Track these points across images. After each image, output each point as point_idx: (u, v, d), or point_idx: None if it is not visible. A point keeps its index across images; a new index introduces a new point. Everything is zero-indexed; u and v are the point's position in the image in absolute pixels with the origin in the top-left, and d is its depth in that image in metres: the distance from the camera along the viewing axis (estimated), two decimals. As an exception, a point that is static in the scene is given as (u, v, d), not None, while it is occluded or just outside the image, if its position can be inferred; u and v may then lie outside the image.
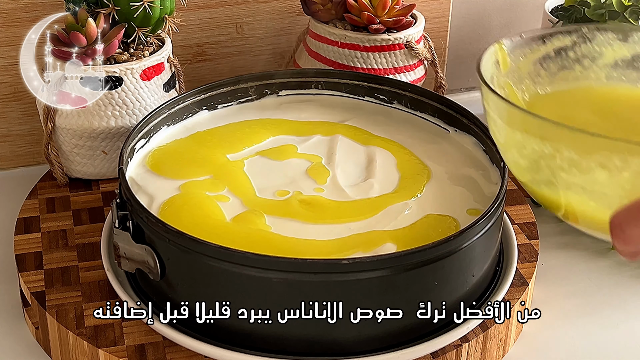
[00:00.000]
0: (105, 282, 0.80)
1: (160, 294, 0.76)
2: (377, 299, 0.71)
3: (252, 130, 0.90)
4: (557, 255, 0.91)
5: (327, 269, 0.70)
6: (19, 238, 0.86)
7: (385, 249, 0.74)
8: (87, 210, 0.90)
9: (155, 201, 0.80)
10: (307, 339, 0.72)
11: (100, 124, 0.90)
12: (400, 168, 0.86)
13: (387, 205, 0.80)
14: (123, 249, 0.76)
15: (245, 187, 0.83)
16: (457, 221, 0.79)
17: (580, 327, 0.82)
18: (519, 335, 0.81)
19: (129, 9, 0.89)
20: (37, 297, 0.79)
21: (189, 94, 0.91)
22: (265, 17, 1.06)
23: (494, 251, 0.79)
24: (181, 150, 0.87)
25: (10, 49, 0.96)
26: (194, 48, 1.05)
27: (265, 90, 0.95)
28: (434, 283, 0.73)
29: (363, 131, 0.91)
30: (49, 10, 0.94)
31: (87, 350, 0.75)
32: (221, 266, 0.71)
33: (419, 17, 1.02)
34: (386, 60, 0.99)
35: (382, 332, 0.72)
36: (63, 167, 0.93)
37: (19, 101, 0.99)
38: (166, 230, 0.72)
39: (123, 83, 0.89)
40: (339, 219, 0.79)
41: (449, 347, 0.75)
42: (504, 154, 0.58)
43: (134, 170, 0.84)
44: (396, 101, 0.94)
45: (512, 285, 0.80)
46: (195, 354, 0.73)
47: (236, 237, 0.75)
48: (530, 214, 0.90)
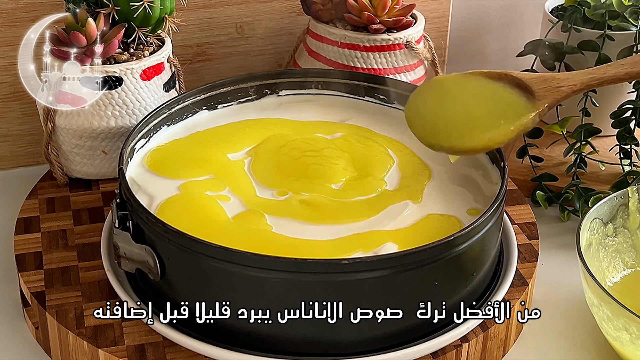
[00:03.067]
0: (105, 282, 0.80)
1: (160, 294, 0.76)
2: (377, 299, 0.71)
3: (252, 130, 0.90)
4: (557, 255, 0.91)
5: (327, 269, 0.70)
6: (19, 238, 0.86)
7: (385, 249, 0.74)
8: (87, 210, 0.90)
9: (155, 201, 0.80)
10: (307, 339, 0.72)
11: (100, 124, 0.90)
12: (401, 168, 0.86)
13: (387, 205, 0.80)
14: (123, 249, 0.76)
15: (246, 186, 0.83)
16: (457, 221, 0.79)
17: (580, 327, 0.82)
18: (519, 335, 0.81)
19: (129, 9, 0.89)
20: (37, 297, 0.79)
21: (189, 94, 0.91)
22: (265, 17, 1.06)
23: (494, 251, 0.79)
24: (181, 150, 0.87)
25: (10, 49, 0.96)
26: (194, 48, 1.05)
27: (265, 90, 0.95)
28: (434, 283, 0.73)
29: (363, 131, 0.91)
30: (49, 10, 0.94)
31: (87, 350, 0.75)
32: (221, 266, 0.71)
33: (419, 17, 1.02)
34: (386, 60, 0.99)
35: (382, 332, 0.72)
36: (63, 167, 0.93)
37: (19, 101, 0.99)
38: (166, 230, 0.72)
39: (123, 83, 0.89)
40: (339, 219, 0.79)
41: (449, 347, 0.75)
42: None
43: (134, 170, 0.84)
44: (396, 101, 0.94)
45: (512, 285, 0.80)
46: (195, 354, 0.73)
47: (237, 237, 0.75)
48: (530, 214, 0.90)
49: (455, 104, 0.78)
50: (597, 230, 0.83)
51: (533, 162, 0.99)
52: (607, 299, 0.72)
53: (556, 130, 1.00)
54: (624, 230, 0.85)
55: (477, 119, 0.76)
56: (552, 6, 1.07)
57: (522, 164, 1.01)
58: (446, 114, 0.78)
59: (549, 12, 1.06)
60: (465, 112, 0.77)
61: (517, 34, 1.19)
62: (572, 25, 1.00)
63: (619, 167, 0.98)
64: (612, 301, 0.72)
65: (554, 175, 0.98)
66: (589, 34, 1.00)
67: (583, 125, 0.97)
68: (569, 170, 0.97)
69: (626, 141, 0.97)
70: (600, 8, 1.00)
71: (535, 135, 0.99)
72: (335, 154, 0.86)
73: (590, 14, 1.00)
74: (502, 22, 1.18)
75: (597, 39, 0.99)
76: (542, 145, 1.03)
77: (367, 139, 0.89)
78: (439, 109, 0.78)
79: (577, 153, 0.97)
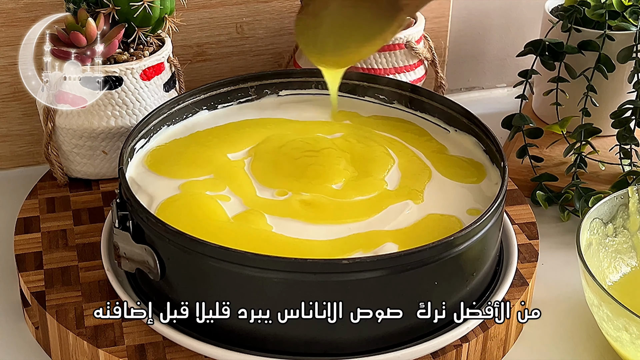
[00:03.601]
0: (105, 282, 0.80)
1: (160, 294, 0.76)
2: (377, 299, 0.71)
3: (252, 130, 0.90)
4: (557, 255, 0.91)
5: (327, 269, 0.70)
6: (19, 238, 0.86)
7: (385, 249, 0.74)
8: (87, 210, 0.90)
9: (155, 201, 0.80)
10: (307, 339, 0.72)
11: (100, 124, 0.90)
12: (401, 168, 0.86)
13: (387, 205, 0.80)
14: (123, 249, 0.76)
15: (246, 186, 0.83)
16: (457, 221, 0.79)
17: (580, 327, 0.82)
18: (519, 335, 0.81)
19: (129, 9, 0.89)
20: (37, 297, 0.79)
21: (189, 94, 0.91)
22: (265, 17, 1.06)
23: (494, 251, 0.79)
24: (181, 150, 0.87)
25: (10, 49, 0.96)
26: (194, 48, 1.05)
27: (265, 90, 0.95)
28: (434, 283, 0.73)
29: (363, 131, 0.91)
30: (49, 10, 0.94)
31: (87, 350, 0.75)
32: (221, 266, 0.71)
33: (419, 17, 1.02)
34: (386, 60, 0.99)
35: (382, 332, 0.72)
36: (63, 167, 0.93)
37: (19, 101, 0.99)
38: (166, 230, 0.72)
39: (123, 83, 0.89)
40: (339, 219, 0.79)
41: (449, 347, 0.75)
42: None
43: (134, 170, 0.84)
44: (396, 101, 0.94)
45: (512, 285, 0.80)
46: (195, 354, 0.73)
47: (237, 237, 0.75)
48: (530, 214, 0.90)
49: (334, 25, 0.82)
50: (597, 230, 0.83)
51: (533, 162, 0.99)
52: (607, 298, 0.72)
53: (556, 130, 1.00)
54: (624, 230, 0.85)
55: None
56: (552, 6, 1.07)
57: (522, 164, 1.01)
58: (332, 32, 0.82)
59: (549, 12, 1.06)
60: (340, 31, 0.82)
61: (517, 34, 1.19)
62: (572, 25, 1.00)
63: (619, 167, 0.98)
64: (612, 301, 0.72)
65: (554, 175, 0.98)
66: (589, 34, 1.00)
67: (583, 125, 0.97)
68: (569, 170, 0.97)
69: (626, 141, 0.97)
70: (600, 8, 1.00)
71: (535, 135, 0.99)
72: (336, 154, 0.86)
73: (590, 14, 1.00)
74: (502, 22, 1.18)
75: (597, 39, 0.99)
76: (542, 145, 1.03)
77: (367, 139, 0.89)
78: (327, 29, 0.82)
79: (577, 153, 0.97)
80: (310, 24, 0.82)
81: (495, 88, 1.23)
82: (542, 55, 1.00)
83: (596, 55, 0.99)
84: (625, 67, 1.00)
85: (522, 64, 1.05)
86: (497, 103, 1.19)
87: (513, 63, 1.17)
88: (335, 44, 0.82)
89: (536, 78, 1.06)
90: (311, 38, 0.83)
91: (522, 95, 1.01)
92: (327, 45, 0.82)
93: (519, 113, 1.00)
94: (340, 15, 0.81)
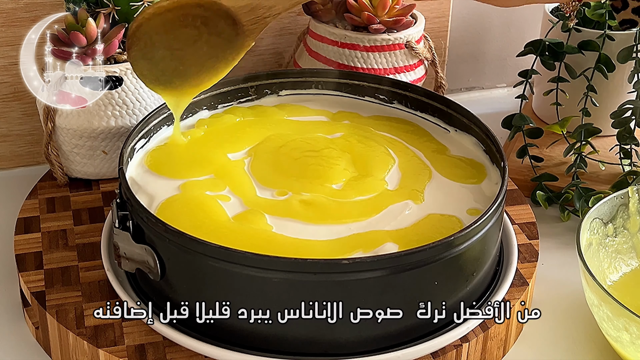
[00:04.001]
0: (105, 282, 0.80)
1: (160, 294, 0.76)
2: (377, 299, 0.71)
3: (252, 130, 0.90)
4: (557, 255, 0.91)
5: (327, 269, 0.70)
6: (19, 238, 0.86)
7: (385, 249, 0.74)
8: (87, 210, 0.90)
9: (155, 201, 0.80)
10: (307, 339, 0.72)
11: (100, 124, 0.90)
12: (401, 168, 0.86)
13: (387, 205, 0.80)
14: (123, 249, 0.76)
15: (246, 186, 0.83)
16: (457, 221, 0.79)
17: (580, 327, 0.82)
18: (519, 335, 0.81)
19: (129, 8, 0.89)
20: (37, 297, 0.79)
21: (189, 94, 0.91)
22: (265, 17, 1.06)
23: (494, 251, 0.79)
24: (181, 150, 0.87)
25: (10, 49, 0.96)
26: (194, 48, 1.04)
27: (265, 90, 0.95)
28: (434, 283, 0.73)
29: (364, 131, 0.91)
30: (49, 10, 0.94)
31: (87, 350, 0.75)
32: (221, 266, 0.71)
33: (419, 17, 1.02)
34: (386, 60, 0.99)
35: (382, 332, 0.72)
36: (63, 167, 0.93)
37: (19, 101, 0.99)
38: (166, 230, 0.72)
39: (123, 83, 0.89)
40: (339, 219, 0.79)
41: (449, 347, 0.75)
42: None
43: (134, 170, 0.84)
44: (396, 101, 0.94)
45: (512, 285, 0.80)
46: (195, 354, 0.73)
47: (237, 237, 0.75)
48: (530, 214, 0.90)
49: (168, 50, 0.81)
50: (597, 230, 0.83)
51: (533, 162, 1.00)
52: (607, 298, 0.73)
53: (556, 130, 1.00)
54: (624, 230, 0.85)
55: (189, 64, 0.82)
56: (552, 6, 1.07)
57: (522, 164, 1.01)
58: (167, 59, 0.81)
59: (549, 12, 1.06)
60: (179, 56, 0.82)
61: (517, 34, 1.19)
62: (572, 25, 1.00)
63: (619, 167, 0.98)
64: (612, 301, 0.72)
65: (554, 175, 0.98)
66: (589, 34, 1.00)
67: (583, 125, 0.97)
68: (569, 170, 0.97)
69: (626, 141, 0.97)
70: (600, 8, 1.00)
71: (536, 135, 0.99)
72: (336, 154, 0.86)
73: (590, 14, 1.00)
74: (502, 22, 1.18)
75: (597, 39, 0.99)
76: (542, 145, 1.03)
77: (367, 139, 0.89)
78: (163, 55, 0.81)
79: (577, 153, 0.97)
80: (145, 65, 0.81)
81: (495, 88, 1.23)
82: (542, 55, 1.00)
83: (596, 55, 0.99)
84: (625, 67, 1.00)
85: (522, 64, 1.05)
86: (497, 103, 1.19)
87: (513, 63, 1.17)
88: (175, 76, 0.82)
89: (536, 78, 1.06)
90: (149, 73, 0.82)
91: (522, 95, 1.01)
92: (167, 78, 0.82)
93: (519, 113, 1.00)
94: (174, 56, 0.81)
